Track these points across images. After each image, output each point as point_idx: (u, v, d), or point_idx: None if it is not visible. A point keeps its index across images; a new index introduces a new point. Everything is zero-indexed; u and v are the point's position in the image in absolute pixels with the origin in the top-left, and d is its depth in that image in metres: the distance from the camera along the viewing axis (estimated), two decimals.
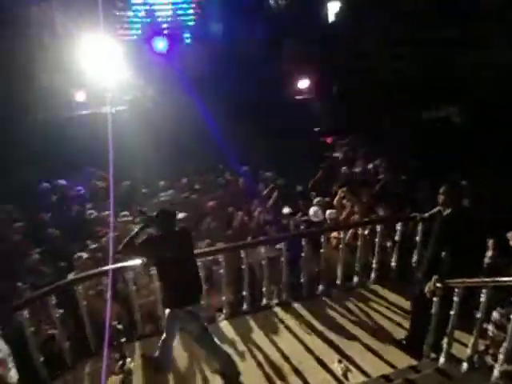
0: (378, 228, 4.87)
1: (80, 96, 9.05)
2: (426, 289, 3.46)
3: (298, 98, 11.04)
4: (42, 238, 5.41)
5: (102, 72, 8.37)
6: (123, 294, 4.25)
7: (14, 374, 2.62)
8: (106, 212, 5.77)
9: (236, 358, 3.90)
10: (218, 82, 9.52)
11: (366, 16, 10.47)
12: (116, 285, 4.19)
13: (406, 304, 4.47)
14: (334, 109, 10.46)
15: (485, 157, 6.64)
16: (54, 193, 6.88)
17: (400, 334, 4.12)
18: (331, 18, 11.44)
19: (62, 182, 7.13)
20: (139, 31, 10.89)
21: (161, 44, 9.37)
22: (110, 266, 3.31)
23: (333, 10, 11.37)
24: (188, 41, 11.33)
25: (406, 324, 4.18)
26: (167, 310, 3.52)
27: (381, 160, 7.32)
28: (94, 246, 4.90)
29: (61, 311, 3.79)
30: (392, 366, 3.74)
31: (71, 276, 4.18)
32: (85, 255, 4.50)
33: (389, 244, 5.11)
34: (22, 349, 3.42)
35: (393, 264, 5.03)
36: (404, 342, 3.96)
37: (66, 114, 8.83)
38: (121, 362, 3.31)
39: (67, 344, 3.85)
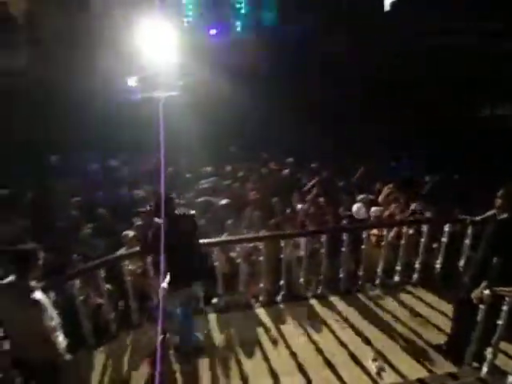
0: (424, 228, 4.70)
1: (134, 81, 9.38)
2: (474, 295, 3.31)
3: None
4: (93, 215, 5.76)
5: (156, 58, 8.63)
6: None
7: (63, 341, 2.83)
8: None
9: (269, 346, 3.98)
10: (269, 70, 9.48)
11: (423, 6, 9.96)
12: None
13: (448, 308, 4.30)
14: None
15: None
16: (104, 173, 7.29)
17: (439, 338, 3.98)
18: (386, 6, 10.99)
19: (114, 163, 7.50)
20: (193, 18, 11.05)
21: (213, 30, 9.46)
22: None
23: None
24: (239, 29, 11.34)
25: (447, 328, 4.03)
26: None
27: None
28: (139, 223, 5.12)
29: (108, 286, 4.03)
30: (429, 371, 3.63)
31: (120, 251, 4.42)
32: (131, 233, 4.73)
33: (435, 245, 4.91)
34: (73, 317, 3.68)
35: (437, 266, 4.84)
36: (444, 347, 3.82)
37: (122, 99, 9.20)
38: (162, 337, 3.48)
39: (113, 315, 4.10)
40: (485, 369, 3.42)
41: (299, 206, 5.67)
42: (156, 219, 3.56)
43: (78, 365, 3.64)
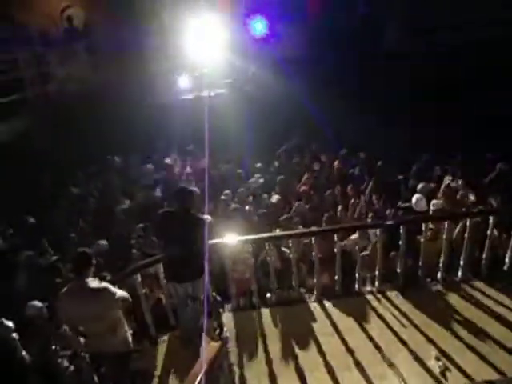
0: (491, 219, 4.37)
1: (183, 81, 9.62)
2: None
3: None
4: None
5: (204, 56, 8.81)
6: (220, 269, 4.53)
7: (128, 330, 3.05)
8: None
9: (324, 340, 3.93)
10: (318, 62, 9.29)
11: None
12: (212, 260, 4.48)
13: None
14: None
15: None
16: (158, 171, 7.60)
17: (509, 341, 3.69)
18: None
19: (168, 161, 7.80)
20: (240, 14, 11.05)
21: (260, 26, 9.40)
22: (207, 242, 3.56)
23: None
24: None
25: None
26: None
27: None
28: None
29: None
30: (500, 373, 3.39)
31: None
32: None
33: (504, 237, 4.56)
34: (137, 308, 3.89)
35: (506, 260, 4.49)
36: None
37: (171, 98, 9.49)
38: (218, 330, 3.58)
39: (171, 308, 4.27)
40: None
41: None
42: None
43: (142, 355, 3.87)
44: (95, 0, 9.93)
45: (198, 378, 2.23)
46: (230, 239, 4.24)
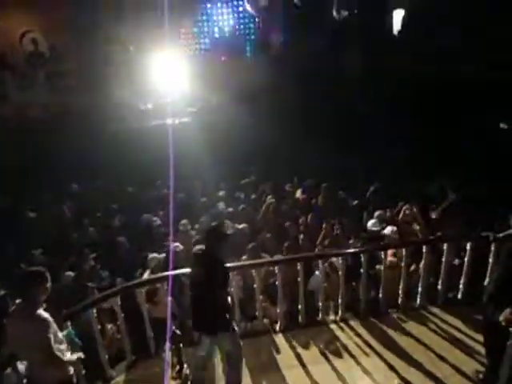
0: (445, 247, 4.57)
1: (147, 108, 9.62)
2: (501, 317, 3.16)
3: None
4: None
5: (168, 85, 8.88)
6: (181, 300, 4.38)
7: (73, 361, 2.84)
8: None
9: (288, 373, 3.86)
10: (280, 95, 9.61)
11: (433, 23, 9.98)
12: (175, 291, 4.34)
13: (475, 331, 4.12)
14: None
15: None
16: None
17: (469, 364, 3.79)
18: (397, 26, 11.05)
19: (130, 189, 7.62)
20: (203, 46, 11.38)
21: (224, 57, 9.69)
22: (170, 273, 3.45)
23: (398, 18, 10.96)
24: (249, 54, 11.60)
25: (475, 354, 3.87)
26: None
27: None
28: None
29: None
30: None
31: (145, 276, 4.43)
32: (159, 256, 4.74)
33: (456, 263, 4.77)
34: (89, 347, 3.65)
35: (461, 287, 4.68)
36: (481, 376, 3.63)
37: (134, 125, 9.42)
38: (178, 367, 3.40)
39: (129, 344, 4.05)
40: None
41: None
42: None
43: None
44: (59, 25, 9.84)
45: None
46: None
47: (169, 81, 8.67)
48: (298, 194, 7.08)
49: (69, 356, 2.80)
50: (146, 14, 9.58)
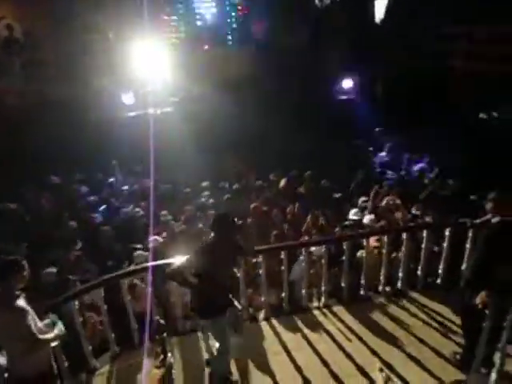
0: (425, 234, 4.67)
1: (128, 98, 9.41)
2: (478, 299, 3.26)
3: (341, 98, 10.81)
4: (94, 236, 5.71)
5: (149, 74, 8.72)
6: (165, 291, 4.38)
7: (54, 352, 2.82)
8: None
9: (273, 359, 3.91)
10: (261, 84, 9.55)
11: (416, 12, 10.07)
12: (157, 282, 4.33)
13: (453, 314, 4.25)
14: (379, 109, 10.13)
15: None
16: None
17: (448, 346, 3.92)
18: (379, 15, 11.07)
19: (112, 179, 7.50)
20: (184, 34, 11.18)
21: (206, 46, 9.54)
22: (151, 263, 3.42)
23: (380, 7, 10.98)
24: (230, 43, 11.46)
25: (454, 336, 4.00)
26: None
27: (428, 163, 7.03)
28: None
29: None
30: (437, 379, 3.57)
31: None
32: (145, 254, 4.71)
33: (436, 249, 4.88)
34: (72, 339, 3.62)
35: (440, 272, 4.80)
36: (459, 357, 3.74)
37: (115, 115, 9.22)
38: (162, 357, 3.41)
39: (113, 336, 4.03)
40: (493, 375, 3.35)
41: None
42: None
43: None
44: (34, 12, 9.50)
45: None
46: (174, 260, 4.12)
47: (150, 70, 8.49)
48: (282, 183, 7.10)
49: (51, 334, 2.78)
50: (125, 2, 9.34)
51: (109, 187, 7.42)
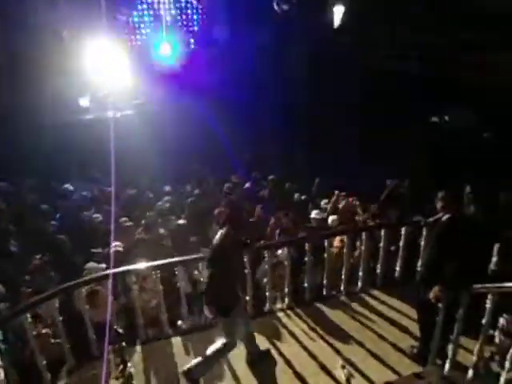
0: (383, 233, 4.83)
1: (85, 101, 9.11)
2: (431, 294, 3.41)
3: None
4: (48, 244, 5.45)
5: (107, 76, 8.47)
6: (125, 299, 4.26)
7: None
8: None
9: (237, 362, 3.90)
10: (222, 88, 9.56)
11: (372, 19, 10.47)
12: (118, 289, 4.21)
13: (411, 310, 4.41)
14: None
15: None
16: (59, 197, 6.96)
17: (405, 340, 4.06)
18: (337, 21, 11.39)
19: (69, 186, 7.20)
20: (144, 36, 10.99)
21: (165, 48, 9.41)
22: (111, 271, 3.31)
23: (339, 13, 11.29)
24: (192, 46, 11.39)
25: (411, 330, 4.15)
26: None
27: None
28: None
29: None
30: (396, 373, 3.69)
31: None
32: (99, 266, 4.53)
33: (392, 248, 5.06)
34: (25, 353, 3.43)
35: (397, 269, 4.98)
36: (415, 350, 3.89)
37: (72, 118, 8.89)
38: (121, 367, 3.30)
39: (68, 347, 3.85)
40: (447, 366, 3.52)
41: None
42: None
43: None
44: None
45: None
46: (135, 266, 4.03)
47: (108, 72, 8.25)
48: (247, 185, 7.12)
49: None
50: (81, 0, 9.04)
51: (65, 193, 7.11)
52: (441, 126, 9.49)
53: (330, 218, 5.44)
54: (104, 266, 4.53)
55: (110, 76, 8.17)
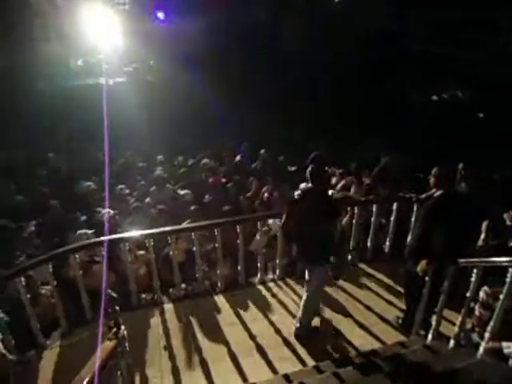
0: (374, 208, 4.88)
1: (78, 66, 8.85)
2: (419, 268, 3.49)
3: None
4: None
5: (101, 42, 8.21)
6: (119, 265, 4.31)
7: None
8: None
9: (228, 330, 4.01)
10: (221, 60, 9.34)
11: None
12: (112, 255, 4.24)
13: (398, 283, 4.53)
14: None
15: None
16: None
17: (391, 312, 4.19)
18: None
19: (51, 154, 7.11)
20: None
21: (160, 14, 9.11)
22: (105, 237, 3.33)
23: None
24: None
25: (397, 303, 4.27)
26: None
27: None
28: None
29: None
30: (381, 342, 3.82)
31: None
32: (89, 232, 4.54)
33: (383, 222, 5.14)
34: (20, 316, 3.49)
35: (387, 244, 5.07)
36: (400, 320, 4.02)
37: (66, 83, 8.65)
38: (115, 329, 3.37)
39: (63, 312, 3.92)
40: (430, 336, 3.65)
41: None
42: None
43: (29, 366, 3.49)
44: None
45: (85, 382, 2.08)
46: (129, 234, 4.05)
47: (101, 36, 7.98)
48: (238, 158, 7.10)
49: None
50: None
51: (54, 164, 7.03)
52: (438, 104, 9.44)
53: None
54: (92, 231, 4.54)
55: (105, 42, 7.93)
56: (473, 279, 3.28)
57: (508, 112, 7.42)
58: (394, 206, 4.88)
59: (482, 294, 3.40)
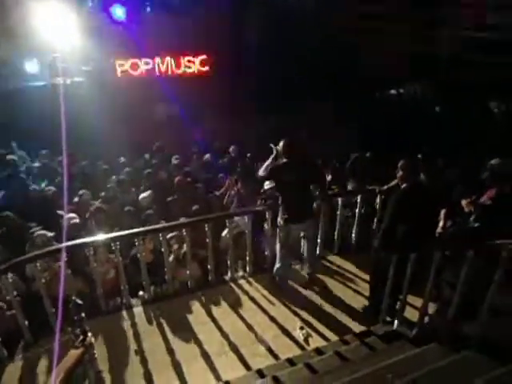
0: (340, 201, 5.00)
1: (31, 66, 8.42)
2: (384, 257, 3.61)
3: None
4: None
5: (56, 41, 7.86)
6: (83, 271, 4.17)
7: None
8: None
9: (200, 330, 3.99)
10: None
11: None
12: (75, 261, 4.10)
13: (364, 273, 4.68)
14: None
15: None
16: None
17: (359, 302, 4.32)
18: None
19: (13, 157, 6.77)
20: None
21: (119, 11, 8.81)
22: (64, 244, 3.21)
23: None
24: (149, 9, 10.74)
25: (366, 293, 4.39)
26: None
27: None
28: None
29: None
30: (349, 330, 3.93)
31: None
32: (48, 234, 4.35)
33: (349, 214, 5.27)
34: None
35: (353, 236, 5.21)
36: (367, 309, 4.14)
37: (17, 84, 8.22)
38: (82, 337, 3.26)
39: (26, 322, 3.76)
40: (396, 322, 3.80)
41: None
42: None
43: None
44: None
45: None
46: (93, 238, 3.93)
47: (56, 34, 7.63)
48: (207, 156, 7.05)
49: None
50: None
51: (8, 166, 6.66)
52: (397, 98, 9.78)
53: None
54: (53, 234, 4.37)
55: (59, 39, 7.58)
56: (432, 265, 3.43)
57: None
58: (359, 199, 5.01)
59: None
